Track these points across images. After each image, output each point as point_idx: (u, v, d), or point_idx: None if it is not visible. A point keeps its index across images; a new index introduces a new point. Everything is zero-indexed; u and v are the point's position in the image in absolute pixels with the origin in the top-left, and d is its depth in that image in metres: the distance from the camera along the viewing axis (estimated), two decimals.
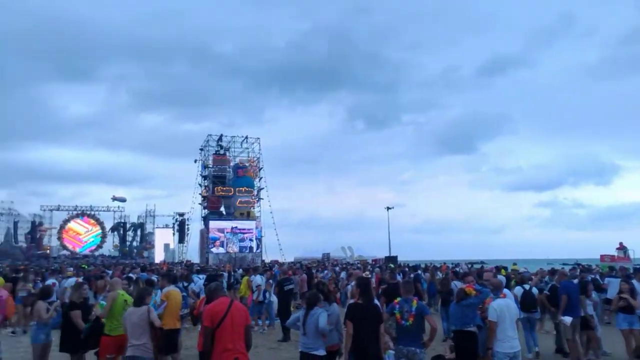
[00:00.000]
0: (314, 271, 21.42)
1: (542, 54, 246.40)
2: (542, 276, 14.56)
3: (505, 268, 20.42)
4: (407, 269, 22.80)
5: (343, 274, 21.60)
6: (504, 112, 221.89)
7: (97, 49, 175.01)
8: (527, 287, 10.18)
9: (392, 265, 29.31)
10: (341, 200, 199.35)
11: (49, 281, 13.43)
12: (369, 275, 12.37)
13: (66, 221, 63.94)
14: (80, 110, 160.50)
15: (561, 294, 9.07)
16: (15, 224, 63.31)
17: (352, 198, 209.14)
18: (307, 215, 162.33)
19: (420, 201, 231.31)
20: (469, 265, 29.29)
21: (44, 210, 64.29)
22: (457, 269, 21.23)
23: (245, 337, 5.07)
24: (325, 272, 22.41)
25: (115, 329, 6.92)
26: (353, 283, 9.01)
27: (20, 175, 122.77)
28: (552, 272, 13.05)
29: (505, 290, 7.71)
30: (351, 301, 6.72)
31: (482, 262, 39.00)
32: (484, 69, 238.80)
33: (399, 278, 15.32)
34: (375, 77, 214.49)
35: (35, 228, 63.28)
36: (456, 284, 11.17)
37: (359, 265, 27.37)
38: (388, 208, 49.65)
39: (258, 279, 13.67)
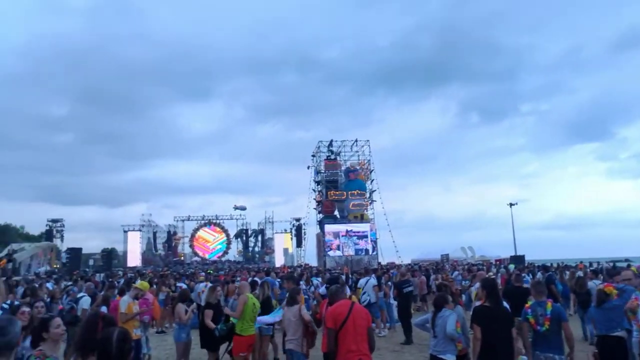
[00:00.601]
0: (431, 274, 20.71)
1: None
2: None
3: None
4: (536, 269, 21.20)
5: (453, 274, 20.60)
6: None
7: (213, 70, 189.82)
8: None
9: (512, 265, 27.47)
10: (458, 199, 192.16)
11: (178, 284, 14.69)
12: (494, 277, 11.70)
13: (196, 230, 69.60)
14: (203, 127, 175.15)
15: None
16: (154, 234, 70.31)
17: (470, 196, 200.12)
18: (422, 215, 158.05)
19: (547, 195, 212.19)
20: (611, 264, 26.27)
21: (177, 220, 70.72)
22: (595, 267, 19.22)
23: (368, 338, 5.08)
24: (456, 273, 21.52)
25: (246, 330, 7.45)
26: (477, 285, 8.58)
27: (156, 190, 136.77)
28: None
29: None
30: (477, 304, 6.40)
31: (627, 260, 34.73)
32: (616, 45, 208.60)
33: (528, 279, 14.29)
34: (488, 66, 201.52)
35: (171, 237, 69.75)
36: (595, 283, 10.08)
37: (482, 266, 26.02)
38: (511, 204, 46.53)
39: (361, 282, 13.53)
